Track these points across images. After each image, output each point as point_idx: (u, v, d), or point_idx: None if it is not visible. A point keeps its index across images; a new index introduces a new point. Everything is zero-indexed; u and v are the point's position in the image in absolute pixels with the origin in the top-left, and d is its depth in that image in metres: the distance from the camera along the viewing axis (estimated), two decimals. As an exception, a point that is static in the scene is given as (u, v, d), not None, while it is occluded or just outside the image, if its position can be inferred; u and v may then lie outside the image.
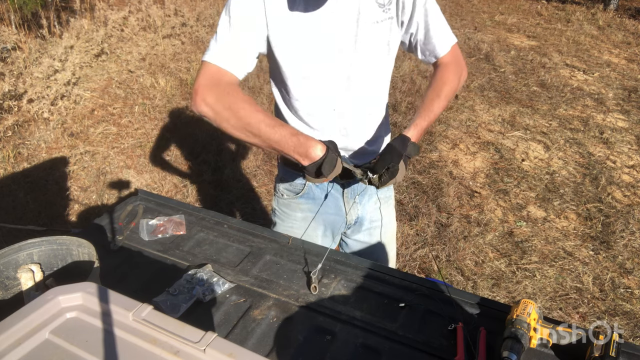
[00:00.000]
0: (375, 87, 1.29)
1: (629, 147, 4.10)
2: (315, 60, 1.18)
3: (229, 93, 1.10)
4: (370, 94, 1.29)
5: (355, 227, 1.50)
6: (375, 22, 1.17)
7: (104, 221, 1.43)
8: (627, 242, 2.92)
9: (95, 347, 0.73)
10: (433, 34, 1.24)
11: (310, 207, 1.42)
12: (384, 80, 1.31)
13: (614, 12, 8.51)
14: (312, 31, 1.14)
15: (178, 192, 3.25)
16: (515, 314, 1.03)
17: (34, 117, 3.91)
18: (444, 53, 1.28)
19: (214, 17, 6.48)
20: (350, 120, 1.28)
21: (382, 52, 1.24)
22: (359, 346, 1.04)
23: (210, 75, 1.12)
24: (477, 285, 2.54)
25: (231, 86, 1.12)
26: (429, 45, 1.26)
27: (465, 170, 3.63)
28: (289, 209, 1.45)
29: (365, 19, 1.16)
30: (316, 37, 1.15)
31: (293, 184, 1.41)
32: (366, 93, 1.27)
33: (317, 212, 1.42)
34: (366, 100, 1.28)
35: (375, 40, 1.20)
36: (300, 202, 1.42)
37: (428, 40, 1.25)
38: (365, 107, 1.29)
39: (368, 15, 1.16)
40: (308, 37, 1.15)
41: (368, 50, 1.20)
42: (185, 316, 1.09)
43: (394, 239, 1.59)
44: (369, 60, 1.22)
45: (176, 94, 4.54)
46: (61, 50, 4.70)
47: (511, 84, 5.23)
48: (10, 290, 1.08)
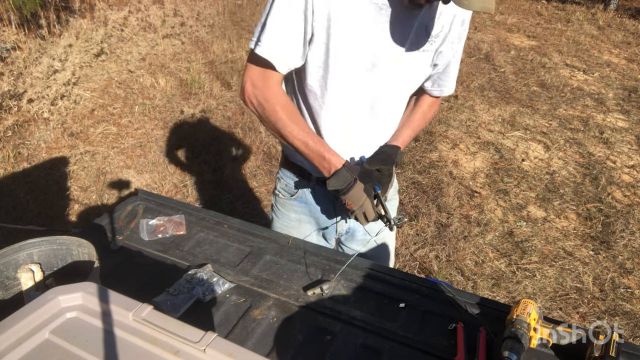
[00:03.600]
0: (395, 112, 1.30)
1: (629, 147, 4.10)
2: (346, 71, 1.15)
3: (270, 98, 1.15)
4: (390, 119, 1.30)
5: (348, 237, 1.49)
6: (422, 51, 1.16)
7: (104, 221, 1.43)
8: (627, 242, 2.92)
9: (95, 347, 0.73)
10: (451, 73, 1.29)
11: (303, 209, 1.43)
12: (403, 105, 1.33)
13: (614, 12, 8.51)
14: (365, 39, 1.11)
15: (178, 192, 3.25)
16: (515, 314, 1.03)
17: (33, 117, 3.91)
18: (450, 93, 1.34)
19: (213, 16, 6.48)
20: (363, 138, 1.29)
21: (414, 80, 1.24)
22: (359, 346, 1.04)
23: (258, 74, 1.14)
24: (477, 285, 2.53)
25: (273, 88, 1.15)
26: (442, 81, 1.31)
27: (465, 170, 3.63)
28: (284, 209, 1.46)
29: (413, 44, 1.13)
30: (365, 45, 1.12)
31: (288, 185, 1.42)
32: (387, 118, 1.29)
33: (309, 215, 1.44)
34: (384, 124, 1.29)
35: (413, 67, 1.19)
36: (294, 203, 1.43)
37: (445, 76, 1.29)
38: (380, 129, 1.30)
39: (416, 41, 1.13)
40: (357, 43, 1.11)
41: (403, 74, 1.19)
42: (185, 316, 1.09)
43: (392, 247, 1.57)
44: (399, 85, 1.22)
45: (176, 94, 4.54)
46: (61, 50, 4.70)
47: (511, 84, 5.23)
48: (10, 290, 1.08)
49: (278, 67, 1.10)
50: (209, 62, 5.22)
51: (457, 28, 1.18)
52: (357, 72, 1.14)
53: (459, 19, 1.16)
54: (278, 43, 1.08)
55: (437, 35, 1.15)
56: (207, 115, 4.20)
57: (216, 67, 5.12)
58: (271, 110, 1.15)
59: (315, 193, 1.38)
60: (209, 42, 5.67)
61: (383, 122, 1.28)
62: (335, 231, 1.44)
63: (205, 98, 4.47)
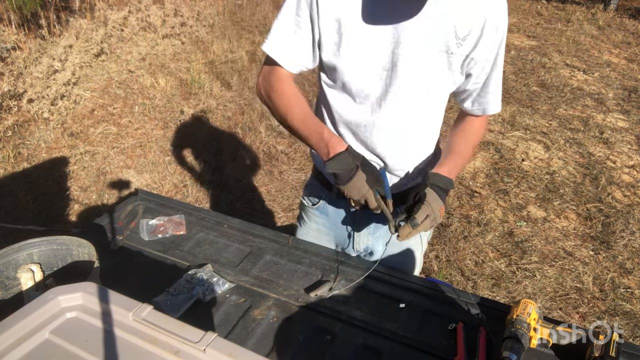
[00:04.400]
0: (416, 116, 1.18)
1: (629, 147, 4.10)
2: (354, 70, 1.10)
3: (277, 88, 1.16)
4: (407, 121, 1.18)
5: (367, 255, 1.43)
6: (448, 53, 1.06)
7: (104, 221, 1.43)
8: (627, 242, 2.92)
9: (95, 347, 0.73)
10: (492, 89, 1.19)
11: (323, 221, 1.41)
12: (425, 116, 1.20)
13: (614, 12, 8.51)
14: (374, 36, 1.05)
15: (178, 192, 3.25)
16: (515, 314, 1.03)
17: (33, 117, 3.91)
18: (495, 112, 1.24)
19: (213, 16, 6.48)
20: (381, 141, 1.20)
21: (437, 83, 1.13)
22: (359, 346, 1.04)
23: (269, 69, 1.17)
24: (477, 285, 2.53)
25: (281, 79, 1.16)
26: (482, 98, 1.21)
27: (465, 170, 3.63)
28: (307, 217, 1.45)
29: (435, 42, 1.05)
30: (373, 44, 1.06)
31: (312, 193, 1.41)
32: (402, 117, 1.17)
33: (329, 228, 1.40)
34: (402, 126, 1.18)
35: (430, 70, 1.09)
36: (315, 213, 1.42)
37: (484, 93, 1.20)
38: (401, 135, 1.19)
39: (439, 40, 1.05)
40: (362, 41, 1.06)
41: (423, 75, 1.09)
42: (185, 316, 1.09)
43: (418, 253, 1.43)
44: (419, 86, 1.11)
45: (176, 94, 4.54)
46: (61, 50, 4.70)
47: (511, 84, 5.23)
48: (10, 290, 1.08)
49: (285, 65, 1.13)
50: (209, 62, 5.22)
51: (491, 35, 1.07)
52: (372, 72, 1.09)
53: (492, 24, 1.06)
54: (283, 43, 1.11)
55: (465, 39, 1.05)
56: (207, 115, 4.20)
57: (216, 67, 5.12)
58: (276, 98, 1.16)
59: (335, 205, 1.36)
60: (209, 42, 5.67)
61: (402, 125, 1.18)
62: (353, 248, 1.40)
63: (205, 98, 4.47)
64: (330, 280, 1.21)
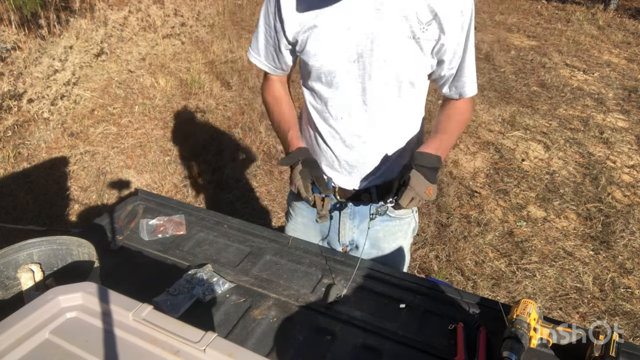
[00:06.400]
0: (393, 109, 1.19)
1: (629, 147, 4.10)
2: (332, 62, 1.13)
3: (268, 92, 1.33)
4: (387, 114, 1.19)
5: (353, 248, 1.44)
6: (414, 38, 1.08)
7: (104, 221, 1.43)
8: (627, 242, 2.92)
9: (95, 347, 0.73)
10: (466, 72, 1.19)
11: (308, 214, 1.43)
12: (403, 104, 1.20)
13: (614, 12, 8.51)
14: (336, 27, 1.09)
15: (178, 192, 3.25)
16: (515, 314, 1.03)
17: (33, 117, 3.91)
18: (472, 94, 1.24)
19: (213, 16, 6.48)
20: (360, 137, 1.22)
21: (408, 69, 1.13)
22: (359, 346, 1.04)
23: (263, 72, 1.33)
24: (477, 285, 2.54)
25: (270, 84, 1.33)
26: (458, 82, 1.21)
27: (465, 170, 3.63)
28: (294, 212, 1.47)
29: (398, 30, 1.06)
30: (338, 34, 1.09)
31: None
32: (383, 111, 1.18)
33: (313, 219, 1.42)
34: (382, 121, 1.20)
35: (401, 56, 1.10)
36: (302, 207, 1.43)
37: (459, 78, 1.20)
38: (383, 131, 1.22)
39: (404, 27, 1.06)
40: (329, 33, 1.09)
41: (389, 65, 1.10)
42: (185, 316, 1.09)
43: (407, 250, 1.47)
44: (390, 74, 1.12)
45: (176, 94, 4.54)
46: (61, 50, 4.70)
47: (511, 83, 5.23)
48: (10, 290, 1.08)
49: (268, 70, 1.29)
50: (209, 62, 5.23)
51: (456, 18, 1.07)
52: (341, 64, 1.12)
53: (455, 8, 1.06)
54: (261, 51, 1.25)
55: (430, 23, 1.06)
56: (207, 115, 4.20)
57: (216, 67, 5.13)
58: (265, 102, 1.34)
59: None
60: (209, 42, 5.68)
61: (378, 116, 1.19)
62: (339, 241, 1.42)
63: (205, 98, 4.47)
64: (336, 284, 1.21)
